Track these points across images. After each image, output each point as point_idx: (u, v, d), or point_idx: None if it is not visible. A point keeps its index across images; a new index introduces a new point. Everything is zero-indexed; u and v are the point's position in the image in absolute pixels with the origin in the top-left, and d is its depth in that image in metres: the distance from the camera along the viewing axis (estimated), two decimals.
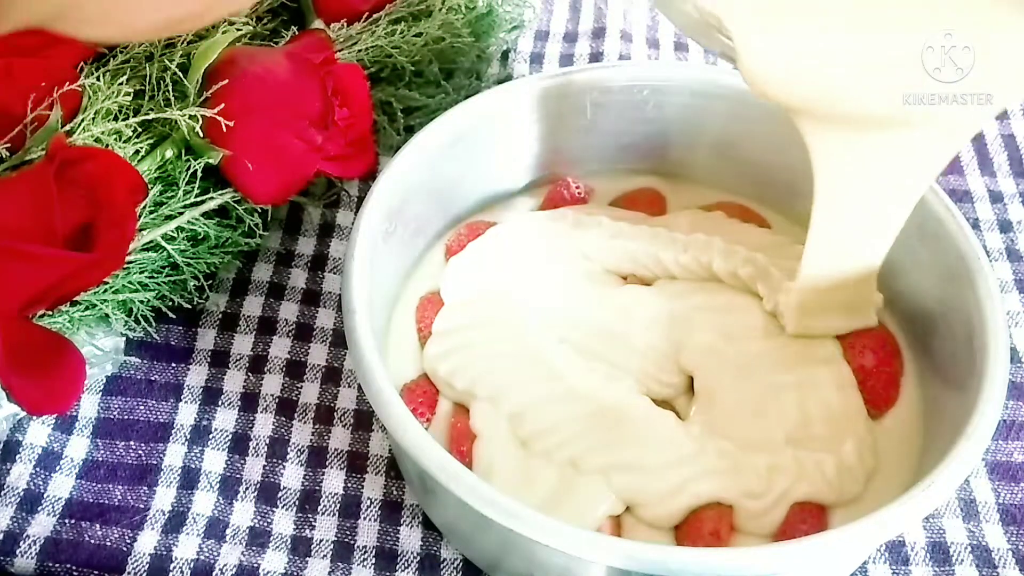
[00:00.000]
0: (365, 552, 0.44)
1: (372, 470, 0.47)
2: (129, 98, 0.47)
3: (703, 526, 0.41)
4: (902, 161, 0.41)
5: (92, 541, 0.44)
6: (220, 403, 0.49)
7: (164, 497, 0.45)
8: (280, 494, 0.46)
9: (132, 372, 0.49)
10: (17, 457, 0.46)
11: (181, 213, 0.47)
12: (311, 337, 0.51)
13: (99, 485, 0.46)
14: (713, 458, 0.42)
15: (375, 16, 0.56)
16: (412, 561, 0.44)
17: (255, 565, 0.44)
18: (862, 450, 0.43)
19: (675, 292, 0.48)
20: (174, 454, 0.47)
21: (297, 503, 0.46)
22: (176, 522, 0.45)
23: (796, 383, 0.45)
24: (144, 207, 0.46)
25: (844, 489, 0.42)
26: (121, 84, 0.47)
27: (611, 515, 0.41)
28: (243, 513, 0.45)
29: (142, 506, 0.45)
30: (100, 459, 0.47)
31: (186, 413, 0.48)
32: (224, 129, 0.46)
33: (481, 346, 0.46)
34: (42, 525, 0.44)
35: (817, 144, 0.42)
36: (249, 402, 0.49)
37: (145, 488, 0.46)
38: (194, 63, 0.47)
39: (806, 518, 0.41)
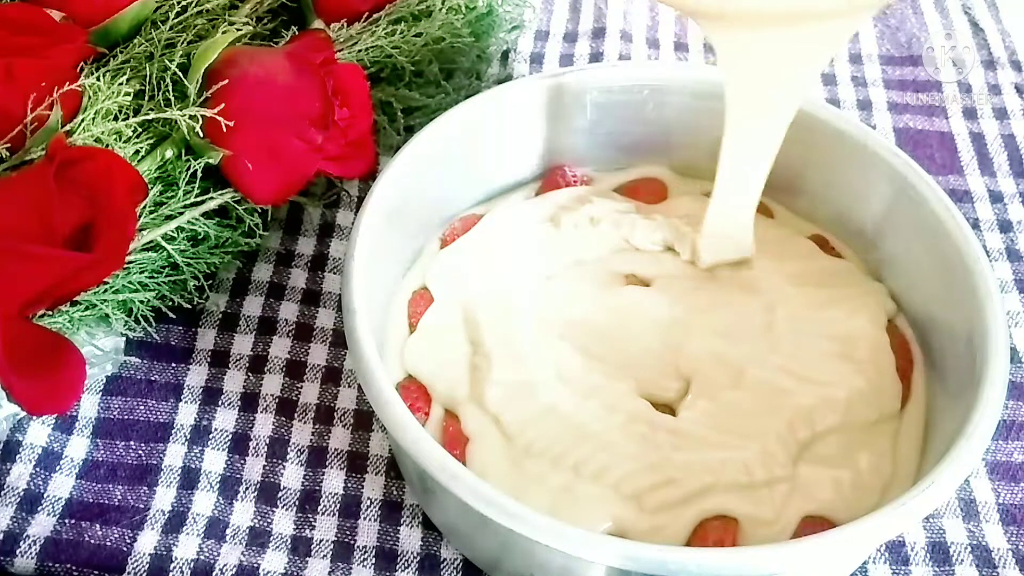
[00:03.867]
0: (365, 552, 0.44)
1: (372, 470, 0.47)
2: (129, 98, 0.47)
3: (708, 536, 0.41)
4: (803, 50, 0.42)
5: (92, 541, 0.44)
6: (220, 403, 0.49)
7: (164, 497, 0.45)
8: (280, 494, 0.46)
9: (132, 372, 0.49)
10: (17, 457, 0.46)
11: (181, 213, 0.47)
12: (311, 337, 0.51)
13: (99, 485, 0.46)
14: (716, 473, 0.42)
15: (375, 16, 0.56)
16: (412, 561, 0.44)
17: (255, 565, 0.44)
18: (879, 462, 0.43)
19: (675, 293, 0.48)
20: (174, 454, 0.47)
21: (297, 503, 0.46)
22: (176, 522, 0.45)
23: (806, 387, 0.44)
24: (144, 207, 0.46)
25: (860, 504, 0.41)
26: (121, 84, 0.47)
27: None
28: (243, 513, 0.45)
29: (142, 506, 0.45)
30: (100, 459, 0.47)
31: (186, 413, 0.48)
32: (224, 129, 0.46)
33: (467, 346, 0.46)
34: (42, 525, 0.44)
35: (721, 45, 0.41)
36: (249, 402, 0.49)
37: (145, 488, 0.46)
38: (194, 63, 0.48)
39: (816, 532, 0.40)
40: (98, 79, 0.47)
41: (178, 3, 0.51)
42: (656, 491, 0.41)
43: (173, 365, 0.50)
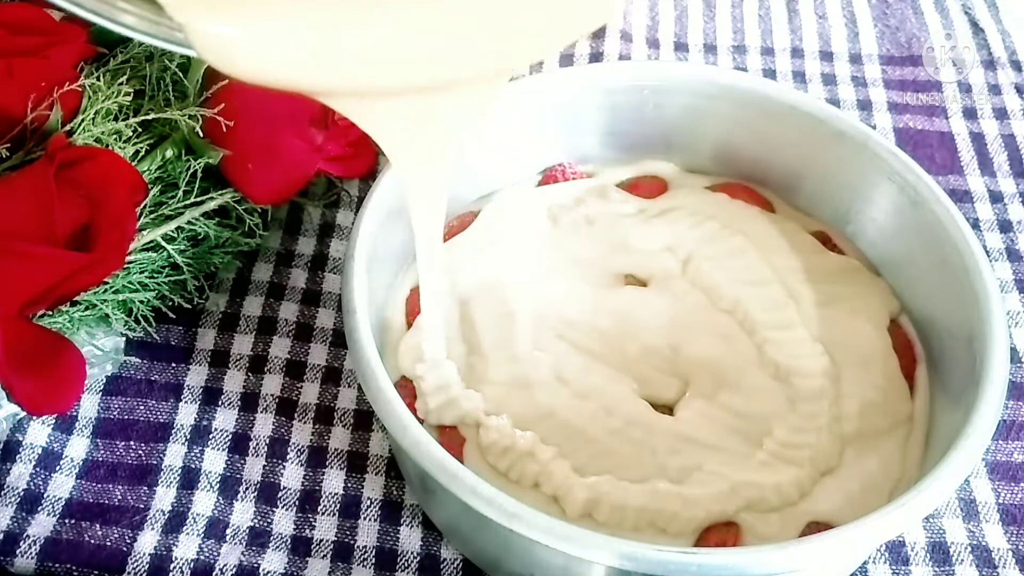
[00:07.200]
0: (365, 552, 0.44)
1: (372, 470, 0.47)
2: (129, 98, 0.47)
3: (709, 537, 0.41)
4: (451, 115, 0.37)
5: (92, 541, 0.44)
6: (220, 403, 0.49)
7: (164, 497, 0.45)
8: (280, 494, 0.46)
9: (132, 372, 0.49)
10: (17, 457, 0.46)
11: (181, 213, 0.47)
12: (311, 337, 0.51)
13: (99, 485, 0.46)
14: (717, 481, 0.41)
15: None
16: (412, 561, 0.44)
17: (255, 565, 0.44)
18: (888, 465, 0.43)
19: (673, 293, 0.48)
20: (174, 454, 0.47)
21: (297, 503, 0.46)
22: (176, 522, 0.45)
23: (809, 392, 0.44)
24: (144, 207, 0.46)
25: (868, 507, 0.40)
26: (121, 84, 0.47)
27: None
28: (243, 513, 0.45)
29: (142, 506, 0.45)
30: (100, 459, 0.47)
31: (186, 413, 0.48)
32: (224, 129, 0.46)
33: (463, 346, 0.46)
34: (42, 525, 0.44)
35: (360, 119, 0.36)
36: (249, 402, 0.49)
37: (145, 488, 0.46)
38: (194, 63, 0.47)
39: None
40: (98, 79, 0.47)
41: None
42: (655, 510, 0.41)
43: (173, 365, 0.50)
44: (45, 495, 0.45)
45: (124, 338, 0.49)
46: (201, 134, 0.47)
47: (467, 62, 0.35)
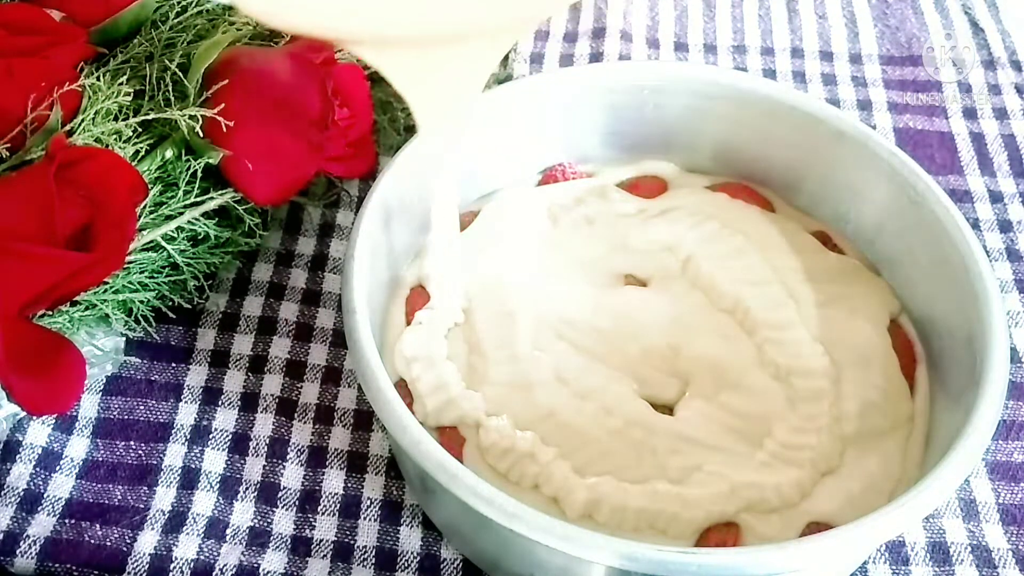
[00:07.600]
0: (365, 552, 0.44)
1: (372, 470, 0.47)
2: (129, 98, 0.47)
3: (709, 538, 0.41)
4: (467, 62, 0.39)
5: (92, 541, 0.44)
6: (220, 403, 0.49)
7: (164, 497, 0.45)
8: (280, 494, 0.46)
9: (132, 372, 0.49)
10: (17, 457, 0.46)
11: (181, 213, 0.47)
12: (311, 337, 0.51)
13: (99, 485, 0.46)
14: (716, 482, 0.41)
15: None
16: (412, 561, 0.44)
17: (255, 565, 0.44)
18: (889, 466, 0.43)
19: (673, 293, 0.48)
20: (174, 454, 0.47)
21: (297, 503, 0.46)
22: (176, 522, 0.45)
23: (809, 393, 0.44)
24: (144, 207, 0.46)
25: (869, 508, 0.40)
26: (121, 84, 0.47)
27: None
28: (243, 513, 0.45)
29: (142, 506, 0.45)
30: (100, 459, 0.47)
31: (186, 413, 0.48)
32: (224, 129, 0.46)
33: (463, 345, 0.46)
34: (42, 525, 0.44)
35: (385, 67, 0.38)
36: (249, 402, 0.49)
37: (145, 488, 0.46)
38: (194, 63, 0.48)
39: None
40: (98, 79, 0.47)
41: (178, 3, 0.51)
42: (655, 511, 0.41)
43: (173, 365, 0.50)
44: (45, 495, 0.45)
45: (124, 338, 0.49)
46: (201, 134, 0.47)
47: (491, 11, 0.36)
